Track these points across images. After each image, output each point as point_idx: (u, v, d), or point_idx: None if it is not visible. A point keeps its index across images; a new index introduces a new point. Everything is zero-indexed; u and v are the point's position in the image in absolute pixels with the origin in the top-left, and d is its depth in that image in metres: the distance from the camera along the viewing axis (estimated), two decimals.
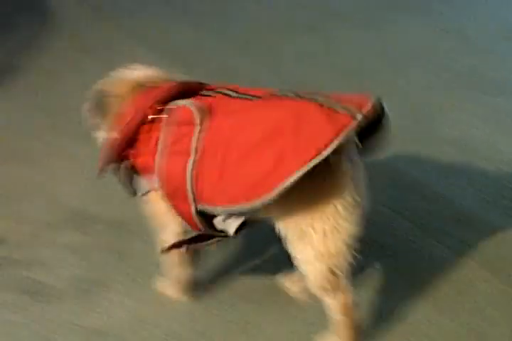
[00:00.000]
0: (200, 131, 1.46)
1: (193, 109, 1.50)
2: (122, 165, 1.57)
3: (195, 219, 1.53)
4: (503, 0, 3.94)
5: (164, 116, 1.49)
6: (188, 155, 1.45)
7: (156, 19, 2.97)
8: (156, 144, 1.51)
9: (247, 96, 1.51)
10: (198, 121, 1.49)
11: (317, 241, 1.45)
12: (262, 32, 2.93)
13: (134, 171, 1.59)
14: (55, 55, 2.72)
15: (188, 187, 1.48)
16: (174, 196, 1.51)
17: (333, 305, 1.56)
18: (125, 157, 1.58)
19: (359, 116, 1.36)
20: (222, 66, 2.75)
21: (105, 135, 1.65)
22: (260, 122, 1.38)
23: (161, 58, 2.61)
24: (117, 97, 1.64)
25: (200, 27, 2.93)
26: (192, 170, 1.47)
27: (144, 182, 1.58)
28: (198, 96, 1.55)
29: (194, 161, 1.48)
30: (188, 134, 1.46)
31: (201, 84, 1.60)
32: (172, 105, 1.54)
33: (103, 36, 1.91)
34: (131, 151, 1.58)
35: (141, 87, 1.64)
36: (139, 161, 1.57)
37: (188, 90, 1.56)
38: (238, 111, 1.45)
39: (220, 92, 1.54)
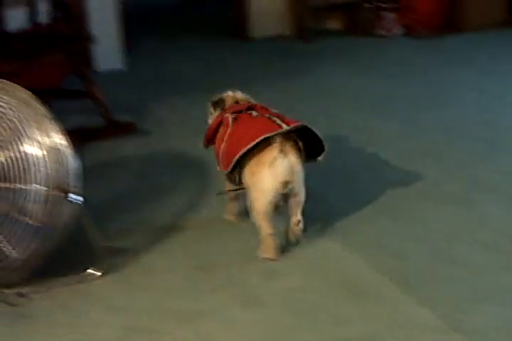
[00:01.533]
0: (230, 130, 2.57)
1: (230, 118, 2.60)
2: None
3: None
4: None
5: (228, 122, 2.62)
6: (223, 142, 2.58)
7: None
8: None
9: (258, 115, 2.59)
10: (231, 125, 2.57)
11: (255, 186, 2.45)
12: (413, 200, 3.03)
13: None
14: (212, 215, 2.92)
15: (220, 160, 2.60)
16: (218, 163, 2.65)
17: (260, 231, 2.50)
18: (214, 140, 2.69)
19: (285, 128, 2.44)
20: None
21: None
22: (244, 129, 2.54)
23: None
24: (225, 103, 2.74)
25: (350, 197, 3.07)
26: (223, 151, 2.57)
27: None
28: (244, 112, 2.65)
29: (225, 145, 2.56)
30: (227, 131, 2.58)
31: (254, 105, 2.70)
32: (230, 115, 2.62)
33: None
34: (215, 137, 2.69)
35: (236, 102, 2.74)
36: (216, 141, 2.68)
37: (248, 107, 2.66)
38: (246, 122, 2.57)
39: (250, 112, 2.63)
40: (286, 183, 2.41)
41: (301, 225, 2.54)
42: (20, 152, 2.23)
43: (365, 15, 6.32)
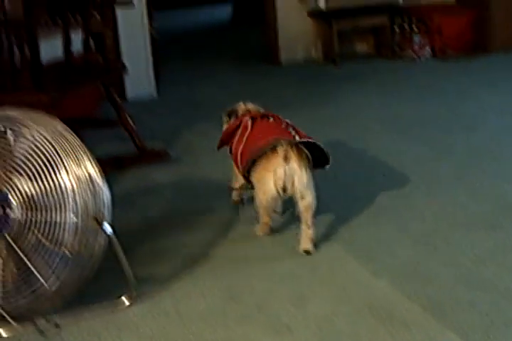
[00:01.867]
0: (248, 132, 2.92)
1: (249, 122, 2.94)
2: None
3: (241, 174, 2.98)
4: None
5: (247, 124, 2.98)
6: (242, 144, 2.91)
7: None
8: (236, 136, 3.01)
9: (273, 120, 2.96)
10: (249, 127, 2.92)
11: (260, 188, 2.80)
12: (441, 225, 3.03)
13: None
14: (242, 242, 2.98)
15: (239, 160, 2.92)
16: (235, 161, 2.98)
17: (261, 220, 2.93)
18: (229, 142, 3.06)
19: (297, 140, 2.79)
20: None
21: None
22: (261, 133, 2.89)
23: None
24: (238, 113, 3.13)
25: (378, 221, 3.10)
26: (241, 152, 2.89)
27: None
28: (261, 116, 3.01)
29: (243, 146, 2.89)
30: (245, 133, 2.92)
31: (267, 112, 3.07)
32: (248, 120, 2.97)
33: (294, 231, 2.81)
34: (231, 139, 3.03)
35: (247, 111, 3.10)
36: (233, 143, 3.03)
37: (264, 115, 3.02)
38: (263, 126, 2.93)
39: (267, 117, 2.99)
40: (285, 188, 2.73)
41: (311, 232, 2.79)
42: (54, 183, 2.28)
43: (393, 38, 6.36)
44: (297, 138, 2.80)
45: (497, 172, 3.59)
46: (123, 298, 2.49)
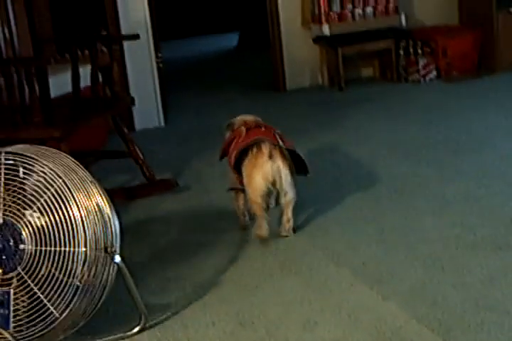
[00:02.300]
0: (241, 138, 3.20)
1: (243, 129, 3.22)
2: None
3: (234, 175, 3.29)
4: None
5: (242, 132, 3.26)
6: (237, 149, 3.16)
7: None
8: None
9: (264, 128, 3.23)
10: (243, 134, 3.19)
11: (250, 184, 3.09)
12: (449, 247, 3.05)
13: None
14: (252, 269, 3.00)
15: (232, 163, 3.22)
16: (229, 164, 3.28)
17: (256, 215, 3.17)
18: (227, 152, 3.33)
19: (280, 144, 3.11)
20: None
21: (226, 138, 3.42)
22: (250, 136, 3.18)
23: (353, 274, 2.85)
24: (235, 125, 3.36)
25: (386, 244, 3.12)
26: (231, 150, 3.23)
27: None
28: (254, 126, 3.27)
29: (237, 152, 3.14)
30: (238, 141, 3.20)
31: (261, 123, 3.34)
32: (243, 128, 3.25)
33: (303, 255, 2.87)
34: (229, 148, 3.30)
35: (245, 122, 3.31)
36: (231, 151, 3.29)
37: (257, 125, 3.29)
38: (254, 131, 3.21)
39: (260, 126, 3.26)
40: (273, 182, 3.05)
41: (291, 222, 3.18)
42: (64, 216, 2.32)
43: (398, 61, 6.41)
44: (281, 143, 3.09)
45: (504, 192, 3.60)
46: (134, 326, 2.51)
